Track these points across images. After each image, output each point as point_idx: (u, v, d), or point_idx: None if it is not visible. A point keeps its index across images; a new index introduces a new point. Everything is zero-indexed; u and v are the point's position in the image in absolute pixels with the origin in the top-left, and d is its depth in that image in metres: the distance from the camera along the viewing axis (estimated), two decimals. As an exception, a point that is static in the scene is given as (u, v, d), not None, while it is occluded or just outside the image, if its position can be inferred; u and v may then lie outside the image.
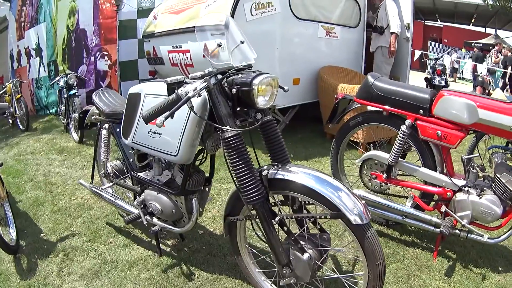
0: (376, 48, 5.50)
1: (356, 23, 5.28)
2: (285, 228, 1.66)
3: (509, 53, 10.86)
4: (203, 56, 1.79)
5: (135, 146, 2.10)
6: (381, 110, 2.52)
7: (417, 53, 11.64)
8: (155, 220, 2.19)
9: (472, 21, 29.99)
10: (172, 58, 4.76)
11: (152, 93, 1.96)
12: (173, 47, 4.66)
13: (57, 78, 5.26)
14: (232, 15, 3.88)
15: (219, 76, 1.62)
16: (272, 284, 1.95)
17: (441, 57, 8.65)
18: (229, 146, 1.57)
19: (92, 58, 5.93)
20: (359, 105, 2.68)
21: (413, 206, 2.45)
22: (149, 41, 5.18)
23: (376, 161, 2.64)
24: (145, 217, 2.18)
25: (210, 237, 2.60)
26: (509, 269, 2.39)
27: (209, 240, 2.57)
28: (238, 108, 1.62)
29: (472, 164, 2.35)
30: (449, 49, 12.00)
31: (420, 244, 2.52)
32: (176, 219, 2.12)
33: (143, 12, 6.01)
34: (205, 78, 1.57)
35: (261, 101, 1.59)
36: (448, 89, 2.45)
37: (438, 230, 2.28)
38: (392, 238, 2.59)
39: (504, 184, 2.16)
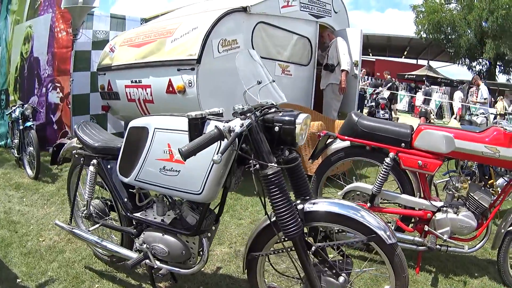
0: (326, 85, 5.77)
1: (307, 61, 5.60)
2: (320, 257, 1.72)
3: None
4: (244, 93, 1.79)
5: (139, 184, 2.01)
6: (364, 145, 2.82)
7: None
8: (158, 263, 2.07)
9: (405, 53, 33.04)
10: (129, 93, 4.63)
11: (164, 127, 1.89)
12: (132, 81, 4.55)
13: (13, 108, 4.82)
14: (202, 51, 3.92)
15: (257, 113, 1.65)
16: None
17: (381, 91, 9.49)
18: (272, 183, 1.61)
19: (44, 89, 5.48)
20: (341, 141, 2.94)
21: (395, 229, 2.75)
22: (104, 74, 4.99)
23: (359, 192, 2.91)
24: (154, 260, 2.06)
25: (203, 276, 2.53)
26: (484, 273, 2.77)
27: (203, 279, 2.51)
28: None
29: (448, 186, 2.71)
30: (390, 83, 13.10)
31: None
32: (183, 260, 2.04)
33: (98, 44, 5.80)
34: (247, 114, 1.60)
35: (301, 139, 1.66)
36: (425, 124, 2.86)
37: (421, 248, 2.59)
38: (375, 260, 2.75)
39: (478, 201, 2.56)
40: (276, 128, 1.63)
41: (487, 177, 2.93)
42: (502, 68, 27.04)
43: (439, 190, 3.25)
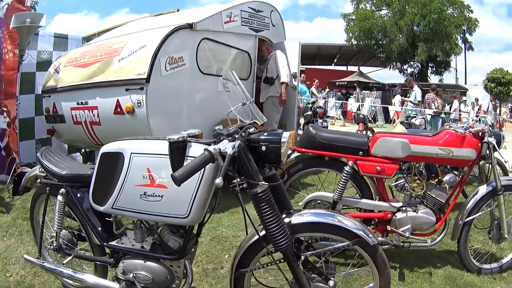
0: (266, 98, 5.93)
1: (247, 75, 5.72)
2: (309, 264, 1.84)
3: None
4: (227, 114, 1.87)
5: (116, 212, 1.97)
6: (323, 156, 3.03)
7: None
8: None
9: (335, 61, 34.47)
10: (75, 115, 4.47)
11: (142, 152, 1.88)
12: (78, 103, 4.40)
13: None
14: (151, 70, 3.91)
15: (242, 134, 1.72)
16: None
17: (317, 100, 10.00)
18: (262, 200, 1.69)
19: (-10, 115, 5.10)
20: (298, 153, 3.11)
21: None
22: (49, 96, 4.78)
23: (319, 201, 3.10)
24: None
25: None
26: (446, 263, 3.10)
27: None
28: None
29: (406, 188, 2.99)
30: (325, 92, 13.75)
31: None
32: (168, 285, 2.02)
33: (42, 64, 5.52)
34: (235, 136, 1.66)
35: (285, 157, 1.77)
36: (380, 132, 3.12)
37: (384, 247, 2.81)
38: (340, 264, 2.94)
39: (435, 198, 2.87)
40: (263, 148, 1.73)
41: (433, 175, 3.25)
42: (434, 69, 29.31)
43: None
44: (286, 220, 1.79)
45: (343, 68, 34.99)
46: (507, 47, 76.82)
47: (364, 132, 7.80)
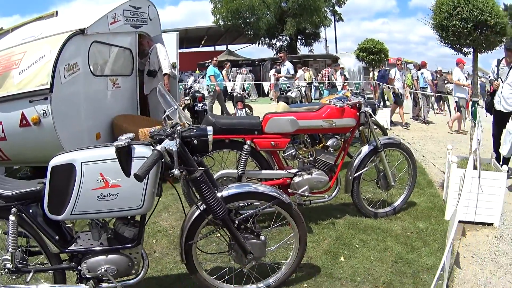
0: (151, 90, 6.55)
1: (130, 71, 6.26)
2: (242, 227, 2.53)
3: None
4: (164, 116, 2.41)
5: (76, 217, 2.34)
6: (224, 139, 3.71)
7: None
8: (104, 285, 2.45)
9: (202, 42, 35.09)
10: (-23, 134, 4.48)
11: (92, 160, 2.27)
12: (-21, 121, 4.43)
13: None
14: (52, 79, 4.21)
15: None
16: (227, 283, 2.76)
17: (192, 85, 10.82)
18: (200, 182, 2.32)
19: None
20: None
21: None
22: None
23: (226, 177, 3.81)
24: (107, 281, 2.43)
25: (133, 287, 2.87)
26: (345, 213, 4.06)
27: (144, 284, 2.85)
28: None
29: (298, 156, 3.83)
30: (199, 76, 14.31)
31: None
32: (131, 271, 2.48)
33: None
34: (172, 135, 2.23)
35: (211, 146, 2.40)
36: (271, 112, 3.87)
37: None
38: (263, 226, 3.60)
39: (324, 161, 3.74)
40: (195, 141, 2.34)
41: (317, 141, 4.16)
42: (303, 41, 31.55)
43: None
44: (219, 194, 2.45)
45: (211, 48, 36.35)
46: (378, 14, 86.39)
47: (244, 109, 8.88)
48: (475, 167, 3.73)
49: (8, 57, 4.70)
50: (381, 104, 12.40)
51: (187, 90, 10.64)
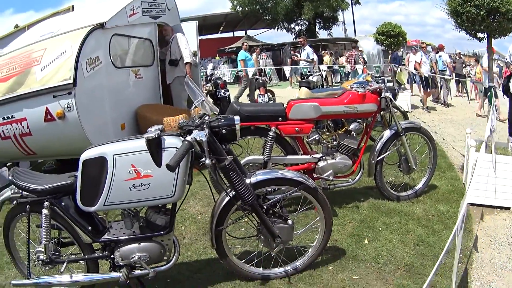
0: (173, 79, 6.72)
1: (152, 61, 6.38)
2: (270, 212, 2.63)
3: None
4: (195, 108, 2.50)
5: (108, 208, 2.46)
6: (249, 126, 3.80)
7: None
8: (137, 271, 2.56)
9: (221, 29, 35.22)
10: (2, 131, 4.67)
11: (123, 152, 2.37)
12: (3, 118, 4.61)
13: None
14: (75, 74, 4.33)
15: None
16: (256, 267, 2.87)
17: (213, 71, 10.88)
18: (230, 170, 2.42)
19: None
20: None
21: None
22: None
23: (252, 163, 3.90)
24: (140, 268, 2.55)
25: (165, 272, 2.91)
26: (368, 197, 4.13)
27: (163, 274, 2.95)
28: None
29: (322, 141, 3.90)
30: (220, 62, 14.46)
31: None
32: (163, 258, 2.59)
33: None
34: (201, 126, 2.33)
35: (238, 135, 2.49)
36: (294, 99, 3.97)
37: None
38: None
39: (348, 146, 3.81)
40: (223, 131, 2.43)
41: (340, 125, 4.22)
42: (321, 24, 31.42)
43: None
44: (247, 181, 2.54)
45: (230, 34, 36.32)
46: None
47: (266, 95, 8.94)
48: (490, 152, 3.75)
49: (28, 54, 4.82)
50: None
51: (209, 77, 10.71)
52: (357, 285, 2.76)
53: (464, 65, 14.11)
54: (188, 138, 2.25)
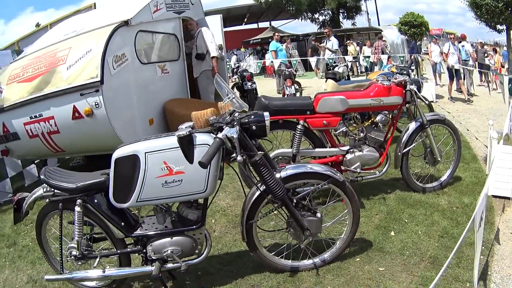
0: (200, 73, 6.80)
1: (178, 55, 6.47)
2: (300, 205, 2.69)
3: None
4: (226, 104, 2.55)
5: (141, 204, 2.53)
6: (277, 120, 3.85)
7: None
8: (169, 265, 2.65)
9: (245, 20, 35.35)
10: (30, 129, 4.80)
11: (155, 150, 2.42)
12: (31, 117, 4.73)
13: None
14: (102, 72, 4.41)
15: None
16: (285, 259, 2.94)
17: (239, 64, 10.91)
18: (260, 165, 2.48)
19: None
20: None
21: None
22: None
23: (281, 157, 3.96)
24: (172, 262, 2.64)
25: (196, 265, 2.94)
26: (395, 189, 4.16)
27: (194, 267, 3.03)
28: None
29: (349, 133, 3.93)
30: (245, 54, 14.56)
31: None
32: (194, 251, 2.67)
33: None
34: (232, 123, 2.38)
35: (268, 131, 2.54)
36: (322, 92, 4.00)
37: None
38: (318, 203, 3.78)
39: (375, 138, 3.83)
40: (254, 127, 2.48)
41: (366, 117, 4.23)
42: (345, 14, 31.24)
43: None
44: (277, 175, 2.60)
45: (254, 25, 36.33)
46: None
47: (293, 86, 8.95)
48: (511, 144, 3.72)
49: (54, 53, 4.93)
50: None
51: (235, 69, 10.77)
52: (383, 277, 2.81)
53: (486, 55, 13.88)
54: (220, 135, 2.31)
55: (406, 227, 3.47)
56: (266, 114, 2.53)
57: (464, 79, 11.01)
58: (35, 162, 5.94)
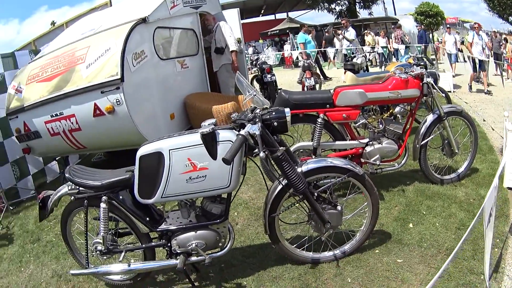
0: (220, 67, 6.92)
1: (196, 50, 6.57)
2: (321, 198, 2.77)
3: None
4: (247, 101, 2.60)
5: (166, 200, 2.61)
6: (298, 113, 3.92)
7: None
8: (193, 258, 2.74)
9: (262, 12, 35.40)
10: (51, 128, 4.91)
11: (179, 147, 2.49)
12: (52, 116, 4.83)
13: None
14: (122, 70, 4.51)
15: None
16: (306, 251, 3.02)
17: (258, 56, 10.93)
18: (282, 160, 2.55)
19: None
20: None
21: None
22: (17, 117, 5.09)
23: (302, 150, 4.04)
24: (197, 255, 2.73)
25: (219, 258, 2.99)
26: (413, 180, 4.21)
27: (218, 260, 3.12)
28: None
29: (369, 126, 3.97)
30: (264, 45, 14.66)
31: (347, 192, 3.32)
32: (218, 245, 2.76)
33: None
34: (254, 119, 2.45)
35: (289, 126, 2.60)
36: (341, 85, 4.04)
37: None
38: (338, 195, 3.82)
39: (394, 130, 3.88)
40: (275, 123, 2.55)
41: (385, 108, 4.27)
42: (361, 4, 31.08)
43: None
44: (299, 170, 2.67)
45: (272, 17, 36.24)
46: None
47: (312, 78, 8.98)
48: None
49: (72, 52, 5.03)
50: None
51: (254, 62, 10.81)
52: (401, 269, 2.87)
53: (501, 44, 13.68)
54: (242, 132, 2.37)
55: (424, 219, 3.52)
56: (287, 110, 2.60)
57: (486, 70, 10.87)
58: (57, 159, 6.08)
